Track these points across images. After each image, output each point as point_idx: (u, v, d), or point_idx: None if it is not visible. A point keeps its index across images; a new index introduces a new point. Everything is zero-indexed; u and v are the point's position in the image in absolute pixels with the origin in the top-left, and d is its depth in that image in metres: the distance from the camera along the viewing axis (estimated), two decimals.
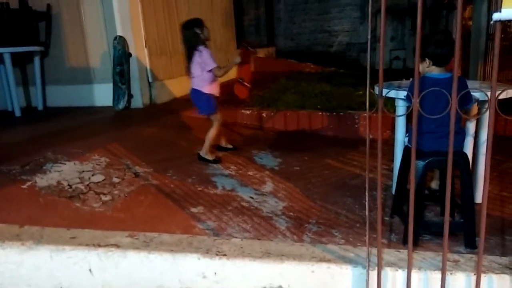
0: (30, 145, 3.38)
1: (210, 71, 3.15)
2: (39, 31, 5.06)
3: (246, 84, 3.56)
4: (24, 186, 2.52)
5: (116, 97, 4.80)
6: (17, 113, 4.77)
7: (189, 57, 3.15)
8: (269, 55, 10.13)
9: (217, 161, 3.26)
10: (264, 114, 4.53)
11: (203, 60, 3.10)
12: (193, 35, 3.12)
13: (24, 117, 4.76)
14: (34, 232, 1.93)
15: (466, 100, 1.87)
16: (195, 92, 3.23)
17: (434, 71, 1.96)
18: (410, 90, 1.92)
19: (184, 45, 3.20)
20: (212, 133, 3.29)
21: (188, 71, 3.22)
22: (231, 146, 3.62)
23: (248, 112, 4.59)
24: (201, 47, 3.11)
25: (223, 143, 3.61)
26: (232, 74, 3.74)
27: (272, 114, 4.50)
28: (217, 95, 3.32)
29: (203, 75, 3.16)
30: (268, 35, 10.67)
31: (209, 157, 3.26)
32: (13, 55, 4.68)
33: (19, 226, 2.00)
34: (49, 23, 5.05)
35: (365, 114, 4.11)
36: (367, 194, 1.47)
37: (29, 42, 4.85)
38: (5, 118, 4.80)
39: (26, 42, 4.80)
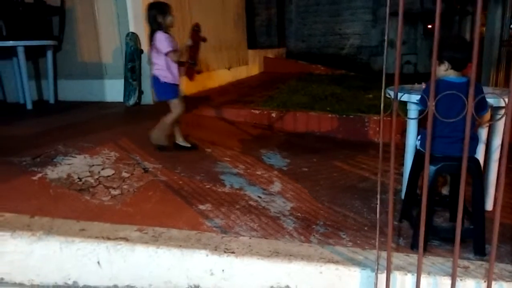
0: (41, 137, 3.41)
1: (166, 55, 3.09)
2: (52, 25, 5.11)
3: (194, 67, 3.47)
4: (35, 178, 2.54)
5: (127, 93, 4.83)
6: (29, 106, 4.82)
7: (150, 39, 3.13)
8: (280, 56, 10.13)
9: (164, 148, 3.23)
10: (273, 115, 4.53)
11: (158, 44, 3.06)
12: (152, 19, 3.09)
13: (36, 110, 4.80)
14: (44, 223, 1.94)
15: (481, 106, 1.85)
16: (154, 78, 3.20)
17: (451, 75, 1.95)
18: (425, 93, 1.91)
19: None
20: (167, 120, 3.22)
21: (148, 58, 3.19)
22: (189, 145, 3.42)
23: (257, 112, 4.59)
24: (158, 32, 3.06)
25: (180, 139, 3.43)
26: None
27: (282, 114, 4.50)
28: (177, 83, 3.24)
29: (161, 62, 3.12)
30: (279, 36, 10.67)
31: (163, 142, 3.24)
32: (27, 48, 4.73)
33: (30, 217, 2.02)
34: (62, 18, 5.10)
35: (375, 118, 4.10)
36: (378, 197, 1.47)
37: (43, 36, 4.90)
38: (17, 110, 4.85)
39: (39, 36, 4.84)
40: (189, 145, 3.42)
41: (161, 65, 3.13)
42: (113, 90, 4.95)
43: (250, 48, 8.59)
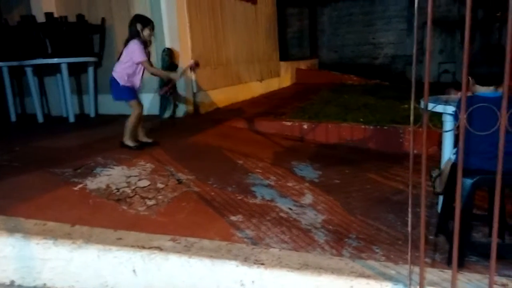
0: (82, 150, 3.58)
1: (138, 63, 3.33)
2: (93, 43, 5.39)
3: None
4: (76, 188, 2.67)
5: (162, 107, 4.99)
6: (71, 119, 5.07)
7: (124, 45, 3.37)
8: (312, 66, 10.13)
9: (139, 147, 3.48)
10: (305, 126, 4.53)
11: (132, 51, 3.27)
12: (133, 27, 3.33)
13: (77, 123, 5.05)
14: (84, 232, 2.04)
15: None
16: (112, 80, 3.42)
17: (481, 90, 1.90)
18: (458, 107, 1.86)
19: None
20: (129, 121, 3.49)
21: (118, 58, 3.41)
22: (150, 141, 3.67)
23: (289, 123, 4.61)
24: (133, 41, 3.28)
25: (143, 137, 3.68)
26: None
27: (313, 126, 4.49)
28: (136, 86, 3.50)
29: (126, 66, 3.34)
30: (311, 47, 10.70)
31: (130, 143, 3.49)
32: (70, 65, 5.00)
33: (71, 225, 2.12)
34: (103, 36, 5.36)
35: (410, 129, 4.00)
36: (410, 209, 1.44)
37: (84, 53, 5.16)
38: (60, 123, 5.12)
39: (81, 53, 5.11)
40: (150, 141, 3.68)
41: (124, 72, 3.35)
42: (149, 104, 5.13)
43: (282, 60, 8.65)
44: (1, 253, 2.00)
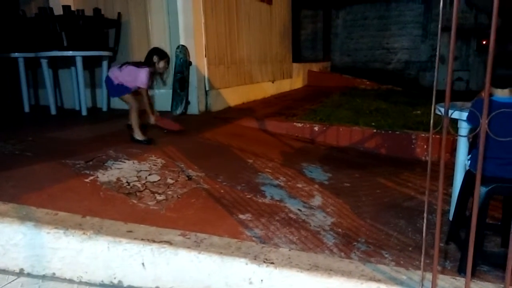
0: (94, 142, 3.60)
1: (139, 88, 3.57)
2: (108, 37, 5.42)
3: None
4: (87, 180, 2.69)
5: (174, 103, 5.00)
6: (84, 112, 5.11)
7: (135, 63, 3.63)
8: (324, 69, 10.10)
9: (149, 141, 3.58)
10: (316, 128, 4.52)
11: (141, 77, 3.51)
12: (150, 58, 3.62)
13: (90, 117, 5.09)
14: (95, 223, 2.05)
15: None
16: (108, 79, 3.65)
17: (499, 94, 1.87)
18: (474, 108, 1.83)
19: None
20: (132, 116, 3.62)
21: (121, 64, 3.63)
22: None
23: (300, 125, 4.59)
24: (145, 68, 3.54)
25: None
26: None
27: (324, 128, 4.48)
28: (130, 88, 3.62)
29: (126, 80, 3.56)
30: (324, 50, 10.68)
31: (140, 137, 3.60)
32: (84, 58, 5.04)
33: (82, 216, 2.13)
34: (118, 31, 5.40)
35: (423, 135, 3.97)
36: (425, 215, 1.43)
37: (99, 47, 5.20)
38: (73, 116, 5.17)
39: (96, 47, 5.15)
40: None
41: (122, 80, 3.57)
42: (162, 100, 5.15)
43: (294, 62, 8.65)
44: (12, 241, 2.01)
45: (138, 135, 3.60)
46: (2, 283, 1.96)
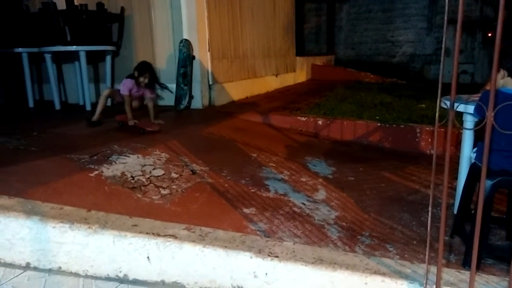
0: (98, 137, 3.61)
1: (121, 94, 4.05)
2: (112, 32, 5.42)
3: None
4: (92, 175, 2.70)
5: (178, 98, 5.00)
6: (88, 107, 5.12)
7: (129, 75, 4.08)
8: (328, 63, 10.05)
9: (93, 123, 4.06)
10: (320, 122, 4.50)
11: (123, 84, 4.00)
12: (133, 71, 4.01)
13: (94, 111, 5.08)
14: (100, 217, 2.06)
15: None
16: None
17: (509, 85, 1.85)
18: (482, 101, 1.82)
19: None
20: (100, 102, 4.18)
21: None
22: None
23: (304, 118, 4.58)
24: (130, 78, 3.99)
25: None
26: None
27: (328, 122, 4.46)
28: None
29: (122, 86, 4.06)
30: (328, 43, 10.62)
31: (95, 118, 4.13)
32: (88, 53, 5.04)
33: (87, 210, 2.15)
34: (121, 25, 5.39)
35: (427, 128, 3.95)
36: (430, 208, 1.42)
37: (103, 42, 5.20)
38: (77, 111, 5.18)
39: (100, 42, 5.15)
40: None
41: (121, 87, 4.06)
42: (165, 94, 5.14)
43: (298, 55, 8.61)
44: (18, 235, 2.03)
45: (94, 117, 4.09)
46: (9, 277, 1.98)
